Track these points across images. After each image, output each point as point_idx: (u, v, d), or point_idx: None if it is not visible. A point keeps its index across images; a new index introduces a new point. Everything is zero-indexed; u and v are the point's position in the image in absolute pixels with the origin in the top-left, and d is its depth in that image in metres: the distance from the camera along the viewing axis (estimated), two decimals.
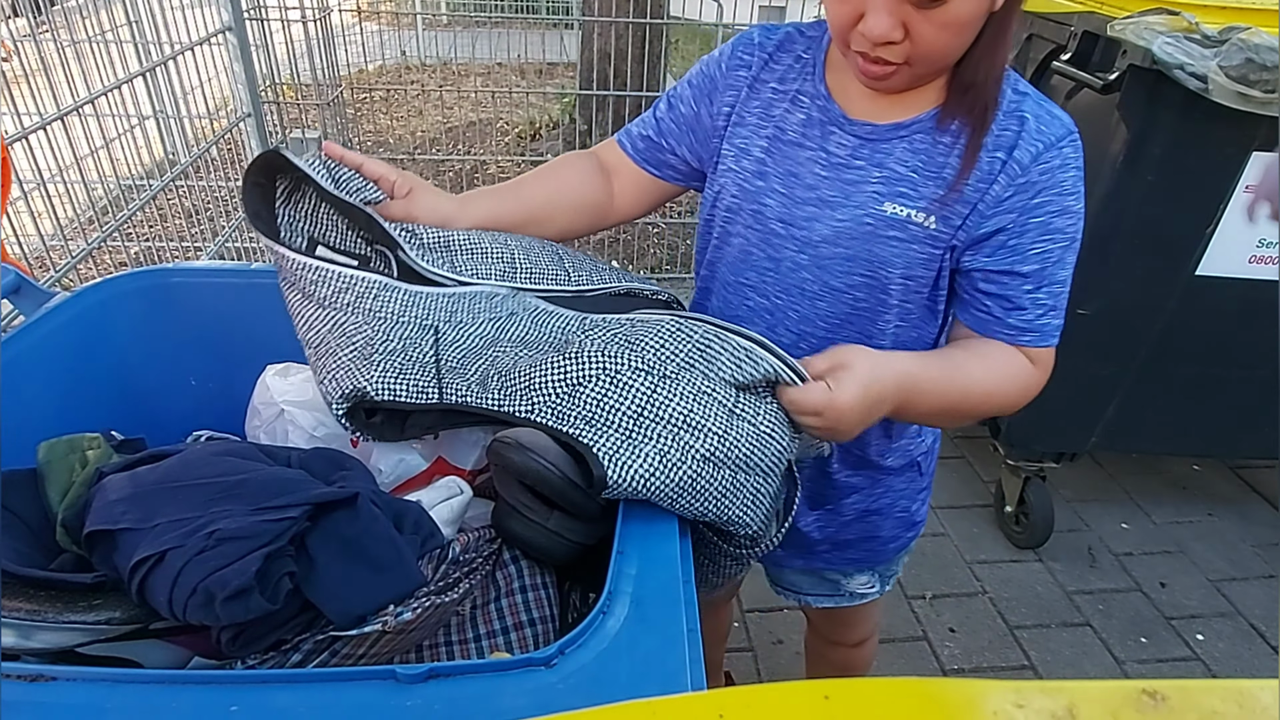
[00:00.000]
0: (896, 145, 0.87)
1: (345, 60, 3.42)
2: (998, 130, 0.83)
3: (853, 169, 0.88)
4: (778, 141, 0.92)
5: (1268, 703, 0.37)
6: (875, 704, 0.39)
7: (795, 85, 0.93)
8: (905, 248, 0.87)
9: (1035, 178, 0.83)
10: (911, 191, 0.86)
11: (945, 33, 0.76)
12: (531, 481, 0.78)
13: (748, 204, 0.94)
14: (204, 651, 0.68)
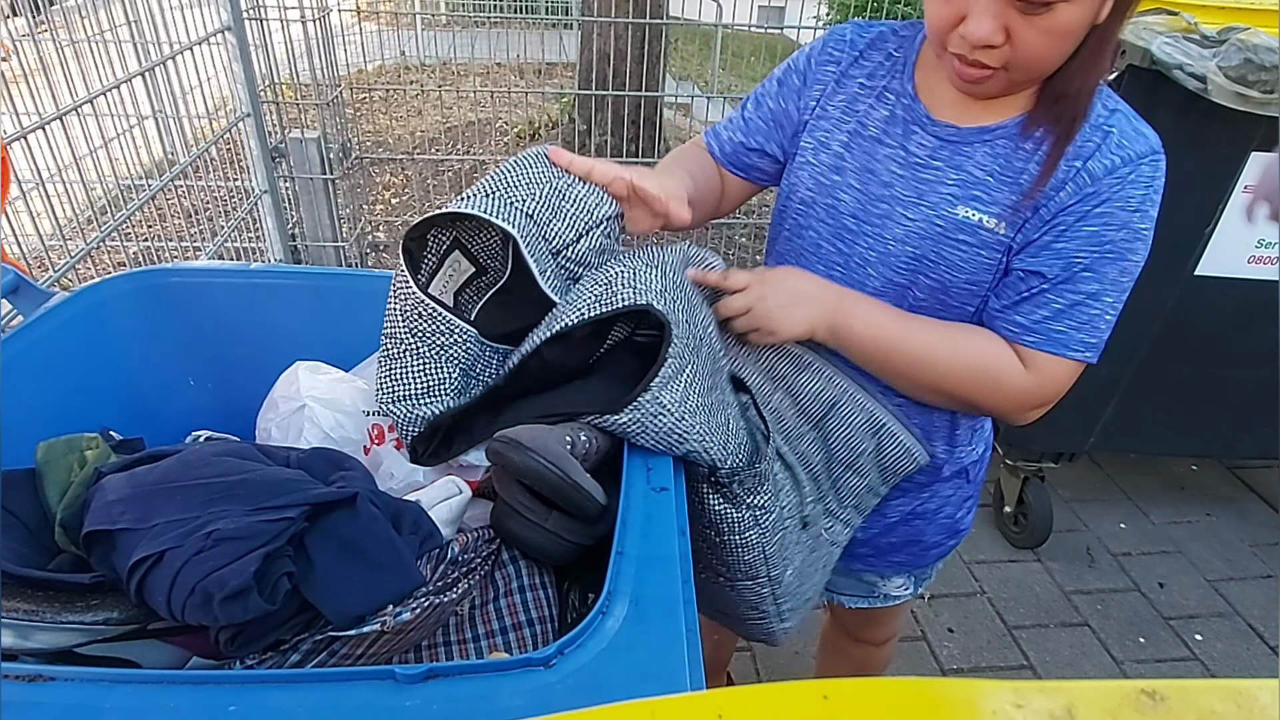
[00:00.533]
0: (977, 149, 0.86)
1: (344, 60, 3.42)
2: (1080, 141, 0.82)
3: (930, 169, 0.88)
4: (858, 136, 0.92)
5: (1266, 702, 0.37)
6: (874, 704, 0.39)
7: (883, 82, 0.93)
8: (973, 252, 0.86)
9: (1103, 189, 0.81)
10: (985, 196, 0.85)
11: (1047, 39, 0.75)
12: (530, 481, 0.78)
13: (822, 198, 0.94)
14: (202, 652, 0.67)
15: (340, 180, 2.94)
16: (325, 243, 2.99)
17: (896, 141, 0.90)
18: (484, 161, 3.90)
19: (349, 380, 0.98)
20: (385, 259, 3.57)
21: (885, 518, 1.10)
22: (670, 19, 4.26)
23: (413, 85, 4.30)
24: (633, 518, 0.70)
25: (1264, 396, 2.03)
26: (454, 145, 4.43)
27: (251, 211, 2.71)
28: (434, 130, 4.63)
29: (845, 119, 0.93)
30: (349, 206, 3.15)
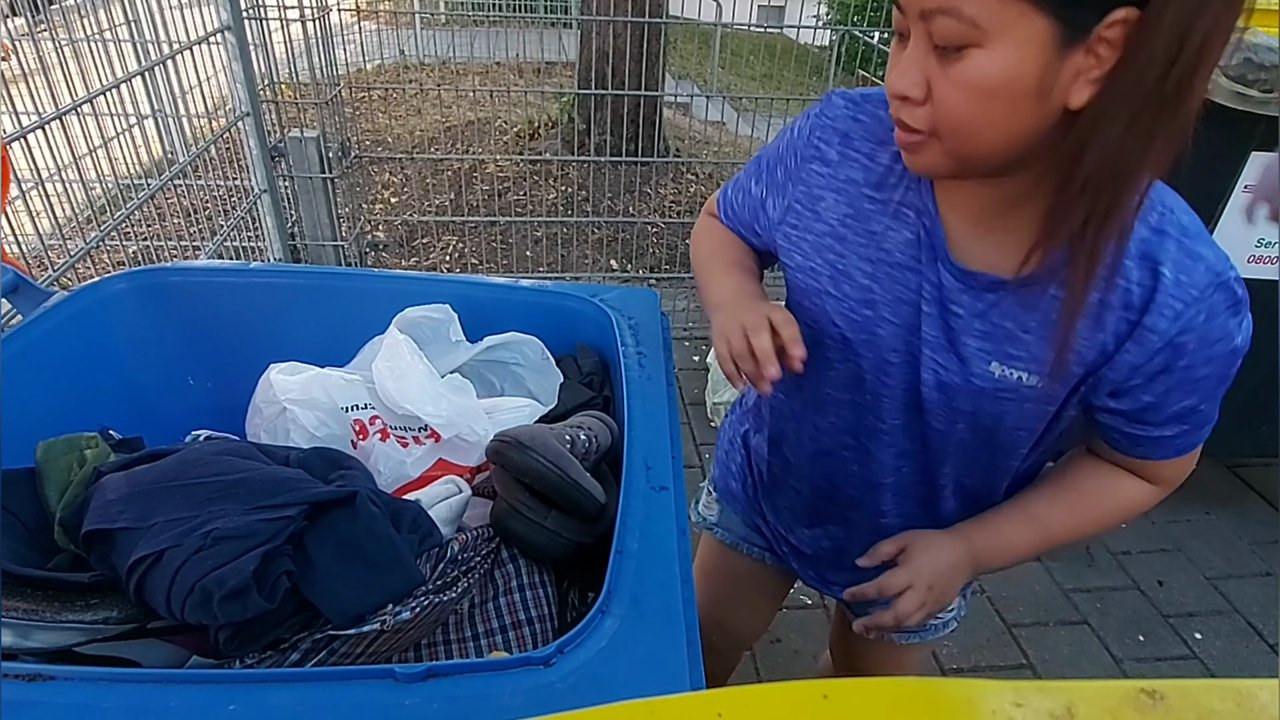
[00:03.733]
0: (1006, 300, 0.73)
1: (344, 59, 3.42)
2: (1124, 284, 0.68)
3: (953, 315, 0.75)
4: (883, 265, 0.78)
5: (1266, 702, 0.37)
6: (874, 704, 0.39)
7: (897, 195, 0.77)
8: (1018, 406, 0.77)
9: (1177, 341, 0.68)
10: (1021, 353, 0.73)
11: (965, 96, 0.62)
12: (530, 480, 0.78)
13: (857, 335, 0.81)
14: (202, 651, 0.67)
15: (339, 179, 2.94)
16: (324, 242, 2.99)
17: (925, 268, 0.76)
18: (483, 161, 3.90)
19: (324, 376, 0.96)
20: (385, 258, 3.57)
21: None
22: (670, 18, 4.26)
23: (412, 84, 4.30)
24: (632, 517, 0.70)
25: (1264, 395, 2.03)
26: (453, 144, 4.43)
27: (251, 211, 2.71)
28: (433, 129, 4.63)
29: (860, 240, 0.79)
30: (348, 206, 3.15)
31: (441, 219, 3.64)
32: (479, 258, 3.50)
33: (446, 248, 3.69)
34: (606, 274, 3.57)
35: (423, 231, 3.77)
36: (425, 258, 3.64)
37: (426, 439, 0.92)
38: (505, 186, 4.04)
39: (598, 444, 0.86)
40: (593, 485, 0.80)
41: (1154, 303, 0.67)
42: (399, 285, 1.06)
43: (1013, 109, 0.62)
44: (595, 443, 0.86)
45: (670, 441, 0.81)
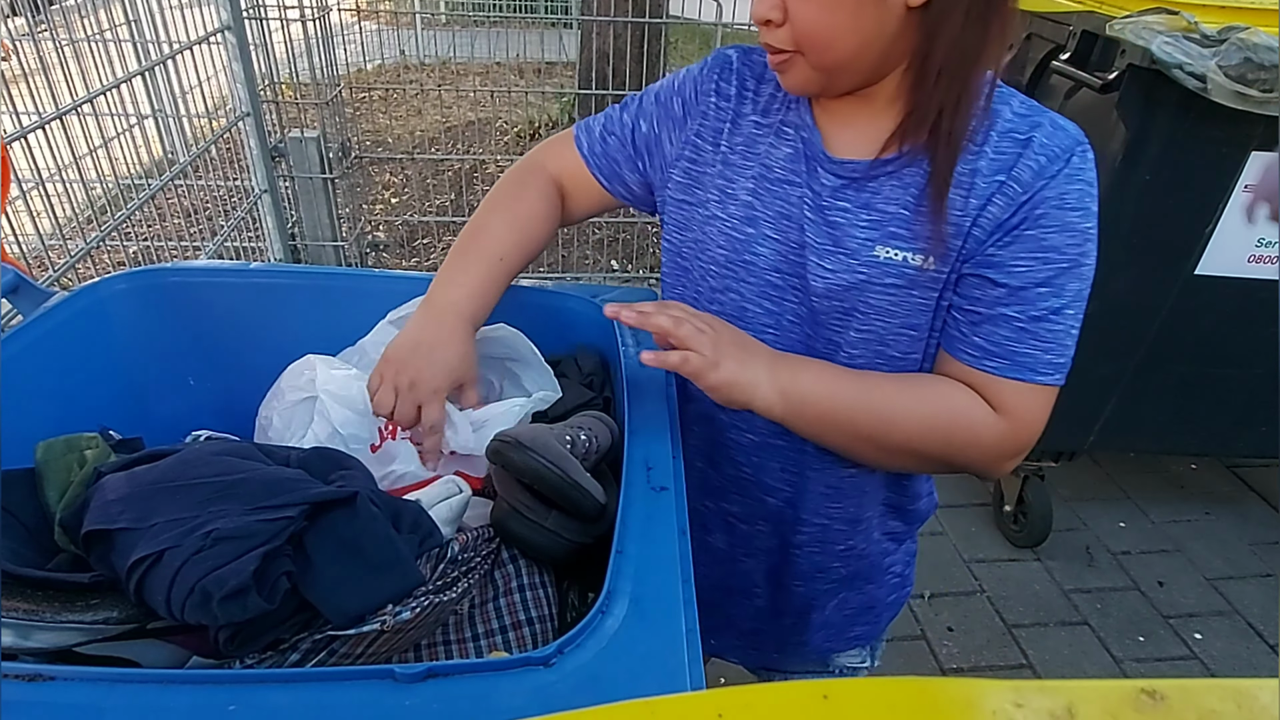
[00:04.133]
0: (884, 183, 0.78)
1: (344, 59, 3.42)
2: (993, 153, 0.74)
3: (838, 211, 0.79)
4: (764, 180, 0.83)
5: (1266, 702, 0.37)
6: (874, 703, 0.39)
7: (779, 115, 0.84)
8: (904, 295, 0.78)
9: (1036, 194, 0.73)
10: (904, 231, 0.76)
11: (816, 10, 0.70)
12: (530, 480, 0.78)
13: (739, 255, 0.84)
14: (202, 651, 0.67)
15: (340, 180, 2.94)
16: (325, 242, 2.99)
17: (803, 180, 0.81)
18: (484, 161, 3.90)
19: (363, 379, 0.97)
20: (385, 258, 3.57)
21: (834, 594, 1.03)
22: (670, 18, 4.26)
23: (412, 84, 4.30)
24: (633, 517, 0.70)
25: (1264, 395, 2.03)
26: (454, 145, 4.43)
27: (251, 211, 2.71)
28: (434, 130, 4.63)
29: (747, 163, 0.84)
30: (348, 206, 3.15)
31: (442, 219, 3.64)
32: None
33: (447, 248, 3.68)
34: (607, 274, 3.57)
35: (423, 232, 3.77)
36: (426, 258, 3.64)
37: None
38: None
39: (598, 444, 0.86)
40: (593, 486, 0.80)
41: (1021, 159, 0.74)
42: (399, 286, 1.05)
43: (857, 14, 0.70)
44: (595, 443, 0.86)
45: (671, 442, 0.81)
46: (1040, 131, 0.74)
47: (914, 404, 0.79)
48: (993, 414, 0.78)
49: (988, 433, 0.78)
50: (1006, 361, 0.76)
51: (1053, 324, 0.76)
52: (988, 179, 0.74)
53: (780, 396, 0.77)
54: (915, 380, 0.81)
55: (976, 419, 0.78)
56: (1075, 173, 0.74)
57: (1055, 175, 0.73)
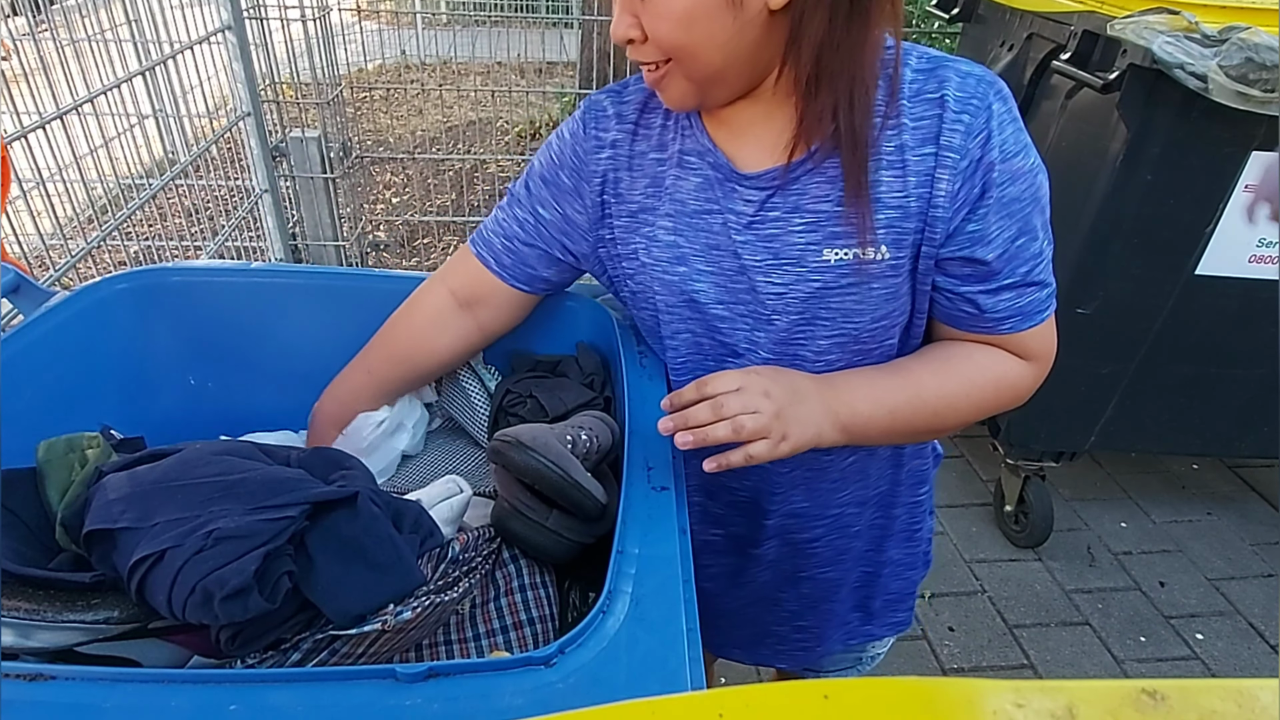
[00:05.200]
0: (807, 183, 0.75)
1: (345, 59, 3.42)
2: (912, 123, 0.73)
3: (770, 223, 0.77)
4: (682, 216, 0.80)
5: (1267, 702, 0.37)
6: (874, 703, 0.39)
7: (677, 146, 0.81)
8: (865, 291, 0.76)
9: (975, 155, 0.72)
10: (844, 228, 0.74)
11: (670, 23, 0.68)
12: (531, 480, 0.78)
13: (678, 298, 0.82)
14: (203, 651, 0.67)
15: (341, 179, 2.94)
16: (326, 242, 2.99)
17: (721, 206, 0.78)
18: (484, 161, 3.90)
19: None
20: (386, 258, 3.57)
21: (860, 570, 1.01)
22: None
23: (413, 84, 4.30)
24: (633, 517, 0.70)
25: (1265, 395, 2.03)
26: (455, 144, 4.43)
27: (252, 211, 2.71)
28: (434, 129, 4.63)
29: (659, 203, 0.81)
30: (349, 206, 3.15)
31: (443, 219, 3.64)
32: None
33: (448, 248, 3.69)
34: None
35: (424, 232, 3.77)
36: (427, 258, 3.64)
37: None
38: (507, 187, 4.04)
39: (599, 444, 0.86)
40: (594, 485, 0.80)
41: (944, 124, 0.72)
42: (400, 285, 1.05)
43: (715, 25, 0.67)
44: (596, 443, 0.86)
45: (671, 442, 0.81)
46: (950, 85, 0.72)
47: (960, 384, 0.79)
48: (1022, 363, 0.81)
49: (1024, 381, 0.81)
50: (1019, 318, 0.78)
51: (1038, 264, 0.77)
52: (918, 153, 0.73)
53: (843, 432, 0.75)
54: (948, 357, 0.81)
55: (1014, 374, 0.81)
56: (1002, 119, 0.72)
57: (986, 132, 0.72)
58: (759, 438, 0.69)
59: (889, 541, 1.00)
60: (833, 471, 0.91)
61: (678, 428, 0.69)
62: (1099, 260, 1.82)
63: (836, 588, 1.01)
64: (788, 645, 1.07)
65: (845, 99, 0.70)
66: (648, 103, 0.83)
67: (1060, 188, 1.91)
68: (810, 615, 1.03)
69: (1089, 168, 1.79)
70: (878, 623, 1.07)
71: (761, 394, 0.70)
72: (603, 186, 0.84)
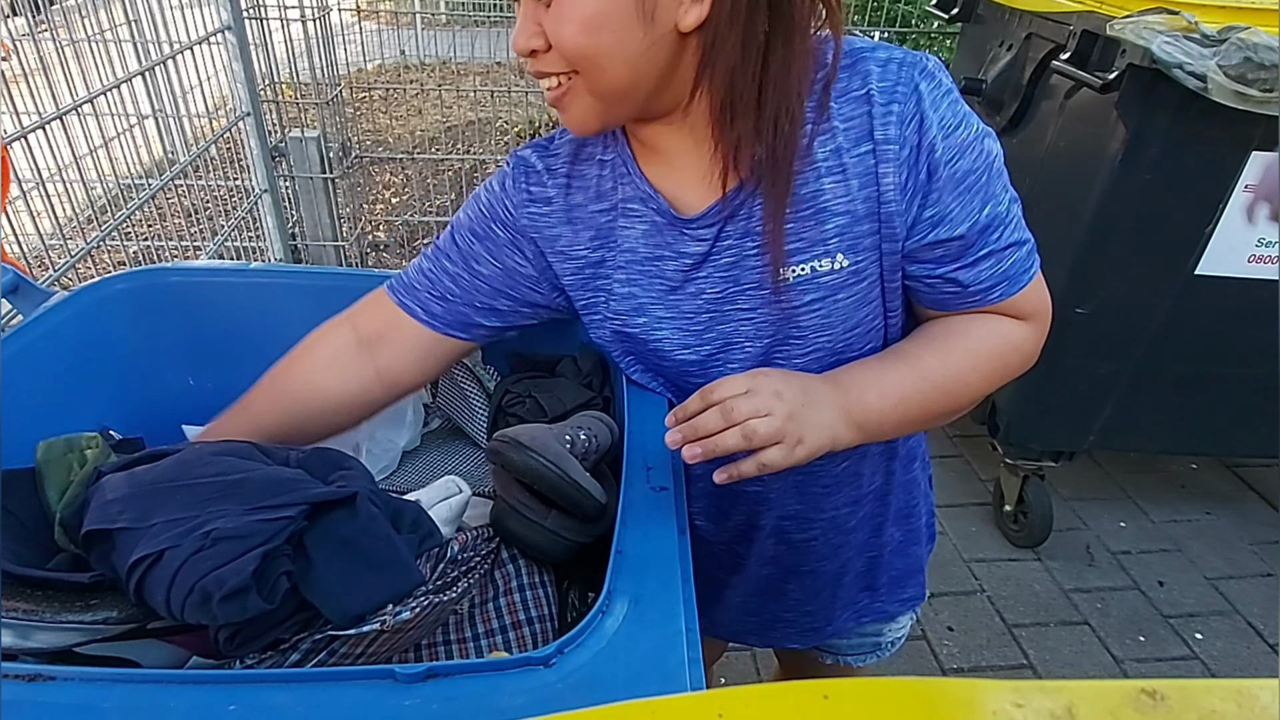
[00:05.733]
0: (751, 206, 0.73)
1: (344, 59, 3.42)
2: (843, 125, 0.70)
3: (725, 254, 0.75)
4: (634, 265, 0.78)
5: (1267, 702, 0.37)
6: (874, 703, 0.39)
7: (617, 196, 0.78)
8: (832, 304, 0.74)
9: (912, 141, 0.69)
10: (798, 242, 0.72)
11: (575, 31, 0.64)
12: (530, 480, 0.78)
13: (643, 347, 0.81)
14: (202, 651, 0.67)
15: (340, 179, 2.94)
16: (325, 242, 2.99)
17: (673, 251, 0.76)
18: (484, 161, 3.90)
19: None
20: (385, 258, 3.57)
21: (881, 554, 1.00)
22: None
23: (413, 84, 4.30)
24: (632, 517, 0.70)
25: (1264, 395, 2.03)
26: (454, 144, 4.43)
27: (251, 211, 2.71)
28: (434, 129, 4.63)
29: (609, 254, 0.79)
30: (349, 206, 3.15)
31: (443, 219, 3.64)
32: None
33: None
34: None
35: (424, 232, 3.77)
36: None
37: None
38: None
39: (598, 444, 0.86)
40: (593, 485, 0.80)
41: (875, 120, 0.69)
42: None
43: (623, 36, 0.64)
44: (595, 443, 0.86)
45: None
46: (872, 79, 0.69)
47: (965, 359, 0.76)
48: (1021, 323, 0.78)
49: (1027, 343, 0.79)
50: (1005, 283, 0.75)
51: (1008, 226, 0.73)
52: (854, 154, 0.70)
53: (858, 430, 0.72)
54: (947, 334, 0.77)
55: (1016, 337, 0.78)
56: (934, 98, 0.69)
57: (919, 115, 0.69)
58: (772, 443, 0.65)
59: (886, 524, 0.99)
60: (825, 477, 0.90)
61: (686, 439, 0.66)
62: (1098, 260, 1.82)
63: (839, 575, 1.01)
64: (796, 628, 1.07)
65: (769, 124, 0.68)
66: (578, 154, 0.80)
67: (1059, 188, 1.92)
68: (814, 601, 1.03)
69: (1088, 168, 1.79)
70: (887, 599, 1.06)
71: (773, 395, 0.66)
72: (539, 244, 0.81)
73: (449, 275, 0.84)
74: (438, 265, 0.85)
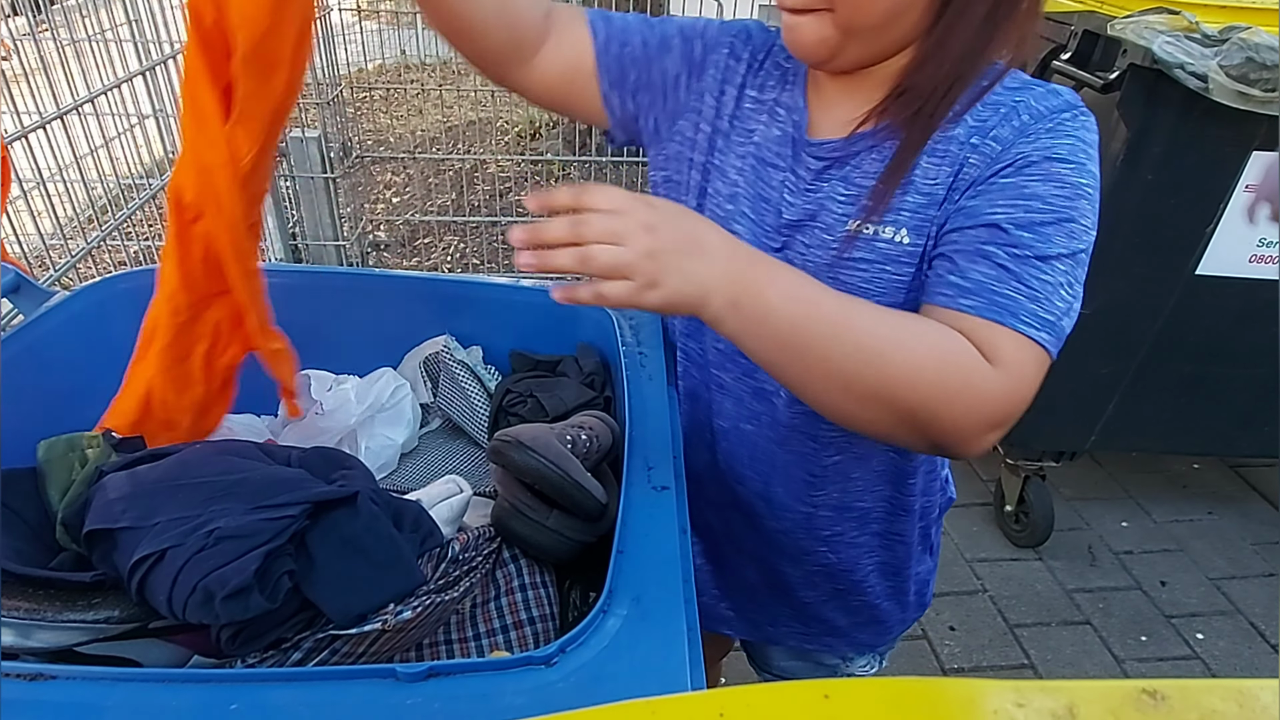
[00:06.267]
0: (864, 158, 0.75)
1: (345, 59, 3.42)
2: (973, 121, 0.72)
3: (819, 192, 0.77)
4: (753, 160, 0.81)
5: (1268, 702, 0.37)
6: (875, 703, 0.38)
7: (773, 95, 0.82)
8: (876, 270, 0.74)
9: (1016, 149, 0.69)
10: (873, 203, 0.74)
11: None
12: (531, 480, 0.78)
13: None
14: (204, 650, 0.67)
15: (341, 179, 2.94)
16: (326, 241, 2.99)
17: (787, 164, 0.79)
18: (484, 160, 3.90)
19: None
20: (386, 258, 3.57)
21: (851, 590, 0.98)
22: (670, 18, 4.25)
23: (413, 84, 4.30)
24: (634, 517, 0.70)
25: (1265, 395, 2.03)
26: (455, 144, 4.43)
27: None
28: (435, 129, 4.63)
29: (740, 140, 0.82)
30: (350, 205, 3.15)
31: (443, 219, 3.64)
32: (480, 258, 3.50)
33: (448, 248, 3.69)
34: None
35: (424, 231, 3.77)
36: (427, 258, 3.64)
37: None
38: (507, 186, 4.04)
39: (599, 444, 0.86)
40: (594, 485, 0.80)
41: (1002, 123, 0.70)
42: (401, 285, 1.06)
43: None
44: (596, 443, 0.86)
45: (671, 441, 0.81)
46: (1030, 95, 0.71)
47: (897, 333, 0.64)
48: (987, 363, 0.64)
49: (978, 374, 0.63)
50: (984, 300, 0.65)
51: (1038, 271, 0.65)
52: (963, 143, 0.71)
53: (732, 310, 0.62)
54: (905, 315, 0.67)
55: (968, 359, 0.64)
56: (1065, 128, 0.69)
57: (1039, 132, 0.69)
58: (617, 276, 0.59)
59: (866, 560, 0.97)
60: (814, 465, 0.89)
61: (528, 242, 0.60)
62: (1099, 260, 1.79)
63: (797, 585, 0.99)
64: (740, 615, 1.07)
65: (944, 90, 0.71)
66: (774, 51, 0.84)
67: None
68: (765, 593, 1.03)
69: None
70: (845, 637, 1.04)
71: (641, 226, 0.59)
72: (708, 83, 0.84)
73: (641, 39, 0.85)
74: (637, 29, 0.86)
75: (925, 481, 0.93)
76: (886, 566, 0.98)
